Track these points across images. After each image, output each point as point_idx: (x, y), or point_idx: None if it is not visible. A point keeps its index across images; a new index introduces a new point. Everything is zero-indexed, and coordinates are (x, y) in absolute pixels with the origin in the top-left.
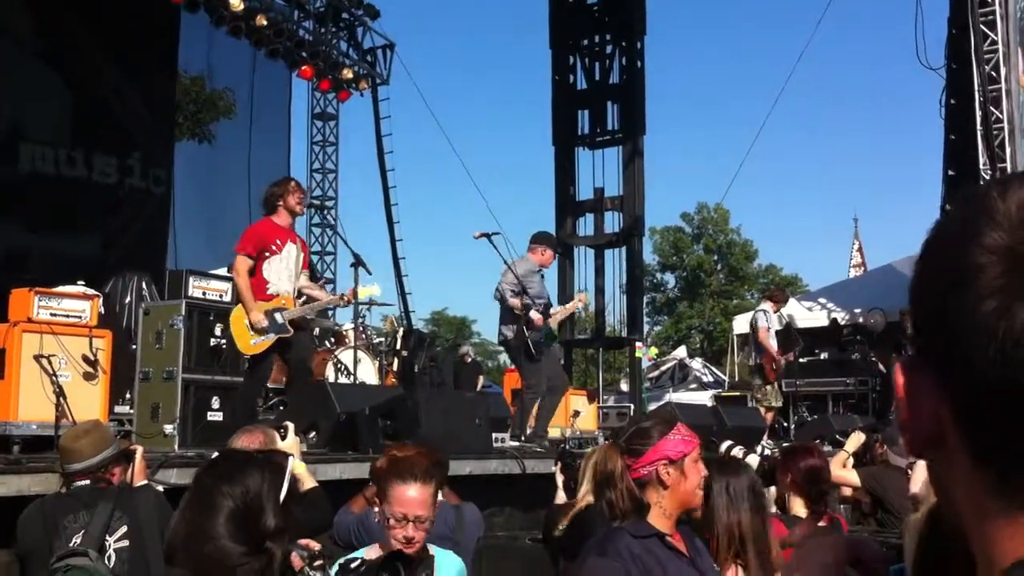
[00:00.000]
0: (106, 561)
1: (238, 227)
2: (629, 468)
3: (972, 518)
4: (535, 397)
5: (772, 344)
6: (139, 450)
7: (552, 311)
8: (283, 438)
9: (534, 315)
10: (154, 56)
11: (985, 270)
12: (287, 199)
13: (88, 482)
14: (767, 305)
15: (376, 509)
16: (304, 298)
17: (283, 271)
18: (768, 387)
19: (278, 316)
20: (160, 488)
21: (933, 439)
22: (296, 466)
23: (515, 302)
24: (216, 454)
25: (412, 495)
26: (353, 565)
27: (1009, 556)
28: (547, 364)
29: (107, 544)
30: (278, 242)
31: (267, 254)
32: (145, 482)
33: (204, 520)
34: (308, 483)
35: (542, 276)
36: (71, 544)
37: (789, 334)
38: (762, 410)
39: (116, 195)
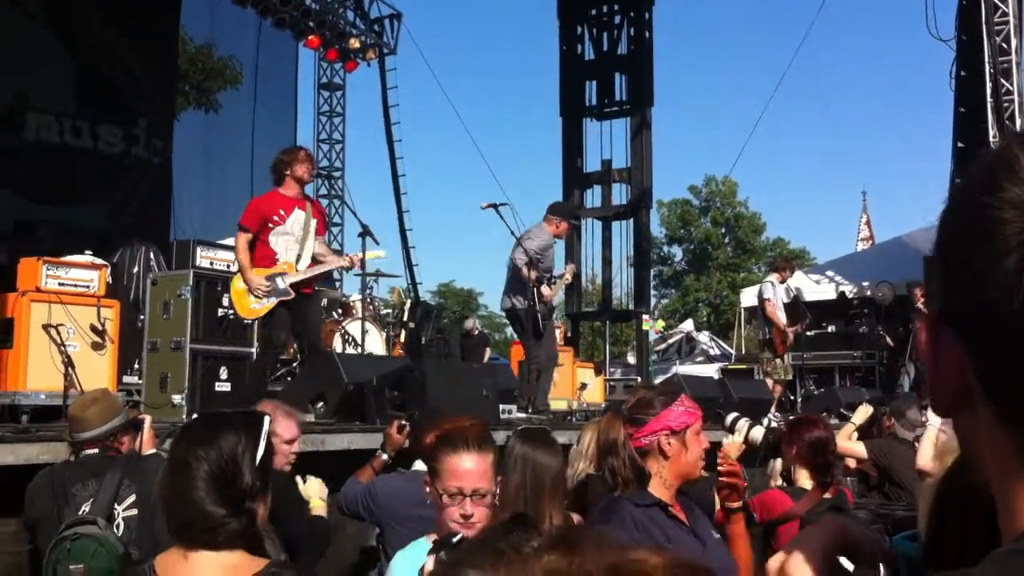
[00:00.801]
0: (114, 529)
1: (241, 197)
2: (631, 437)
3: (997, 477)
4: (536, 368)
5: (780, 317)
6: (148, 419)
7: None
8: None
9: (545, 290)
10: (157, 24)
11: (1007, 225)
12: (295, 168)
13: (97, 451)
14: (773, 277)
15: (429, 484)
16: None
17: (290, 240)
18: (777, 360)
19: (279, 280)
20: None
21: (960, 397)
22: (314, 503)
23: (529, 274)
24: (194, 416)
25: (466, 466)
26: (455, 540)
27: None
28: (547, 337)
29: (116, 512)
30: (281, 212)
31: (270, 225)
32: (154, 451)
33: (183, 484)
34: (318, 511)
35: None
36: (80, 512)
37: (797, 306)
38: (770, 383)
39: (121, 165)
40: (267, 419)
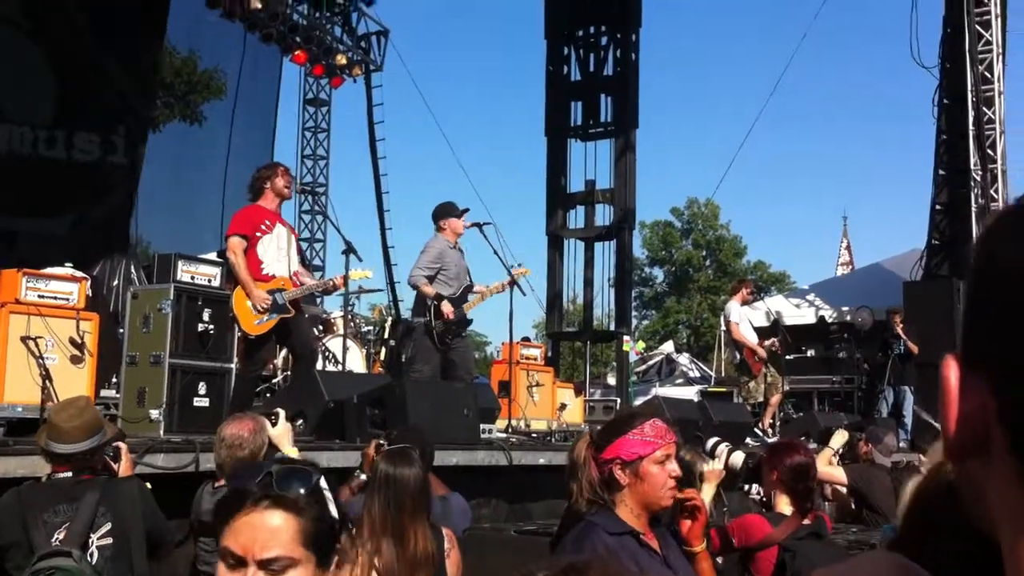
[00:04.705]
0: (88, 559)
1: (212, 211)
2: (594, 461)
3: (1009, 533)
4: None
5: (748, 337)
6: (124, 447)
7: (478, 288)
8: (274, 425)
9: (445, 307)
10: (141, 32)
11: None
12: (274, 182)
13: (70, 474)
14: (732, 301)
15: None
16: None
17: (276, 251)
18: (751, 384)
19: (278, 297)
20: (147, 471)
21: (976, 445)
22: (287, 453)
23: (428, 290)
24: None
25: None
26: None
27: None
28: (457, 355)
29: (90, 541)
30: (267, 223)
31: (259, 234)
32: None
33: None
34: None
35: (461, 252)
36: (53, 540)
37: (775, 328)
38: (774, 399)
39: (97, 174)
40: None
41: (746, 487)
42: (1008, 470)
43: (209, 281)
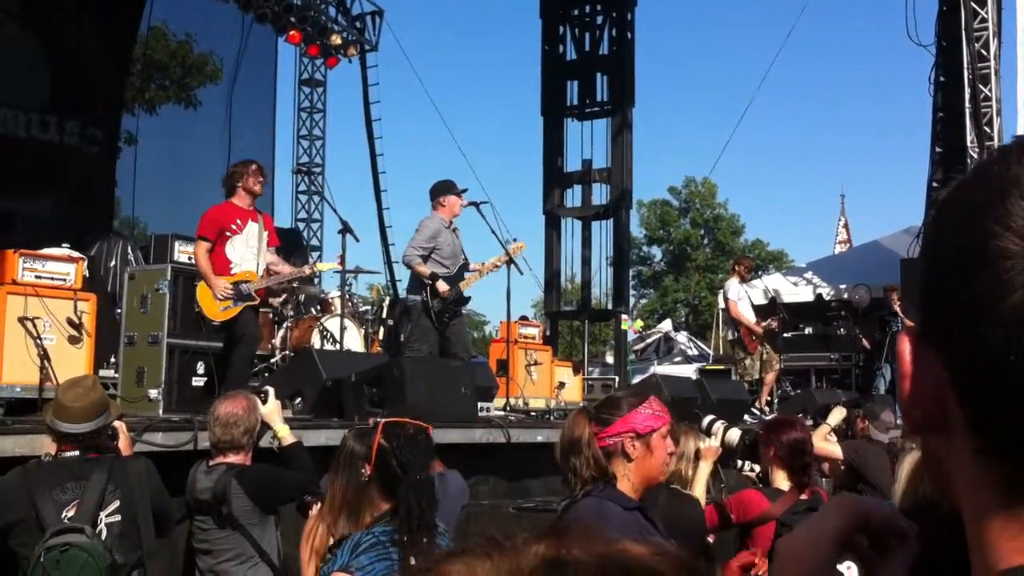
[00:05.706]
0: (99, 536)
1: (214, 192)
2: (596, 436)
3: (969, 507)
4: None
5: (747, 315)
6: (122, 426)
7: (473, 266)
8: (264, 403)
9: (441, 286)
10: (122, 13)
11: (1014, 260)
12: (246, 180)
13: (77, 452)
14: (731, 279)
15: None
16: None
17: (246, 250)
18: (747, 360)
19: (243, 287)
20: (146, 449)
21: (934, 420)
22: (278, 430)
23: (423, 269)
24: None
25: None
26: None
27: (1007, 558)
28: (453, 334)
29: (99, 518)
30: (238, 222)
31: (227, 234)
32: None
33: None
34: (288, 440)
35: (455, 231)
36: (63, 517)
37: (773, 306)
38: (747, 382)
39: (90, 157)
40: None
41: (739, 464)
42: (967, 447)
43: None
